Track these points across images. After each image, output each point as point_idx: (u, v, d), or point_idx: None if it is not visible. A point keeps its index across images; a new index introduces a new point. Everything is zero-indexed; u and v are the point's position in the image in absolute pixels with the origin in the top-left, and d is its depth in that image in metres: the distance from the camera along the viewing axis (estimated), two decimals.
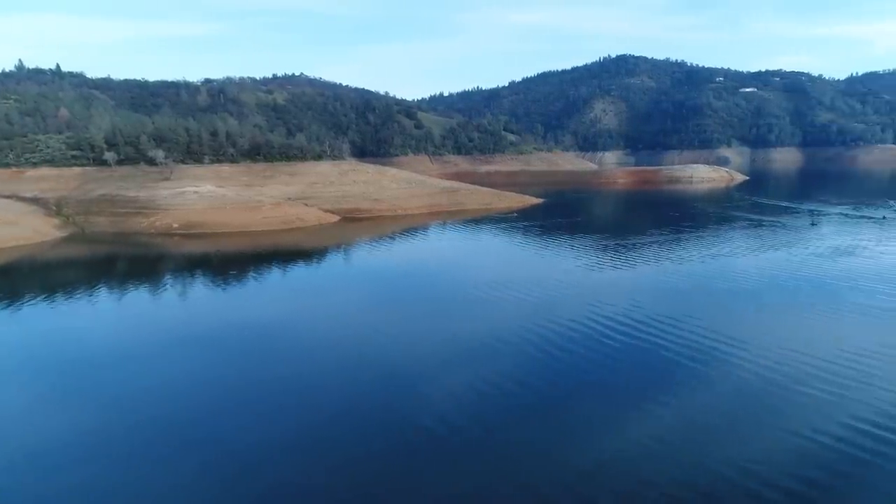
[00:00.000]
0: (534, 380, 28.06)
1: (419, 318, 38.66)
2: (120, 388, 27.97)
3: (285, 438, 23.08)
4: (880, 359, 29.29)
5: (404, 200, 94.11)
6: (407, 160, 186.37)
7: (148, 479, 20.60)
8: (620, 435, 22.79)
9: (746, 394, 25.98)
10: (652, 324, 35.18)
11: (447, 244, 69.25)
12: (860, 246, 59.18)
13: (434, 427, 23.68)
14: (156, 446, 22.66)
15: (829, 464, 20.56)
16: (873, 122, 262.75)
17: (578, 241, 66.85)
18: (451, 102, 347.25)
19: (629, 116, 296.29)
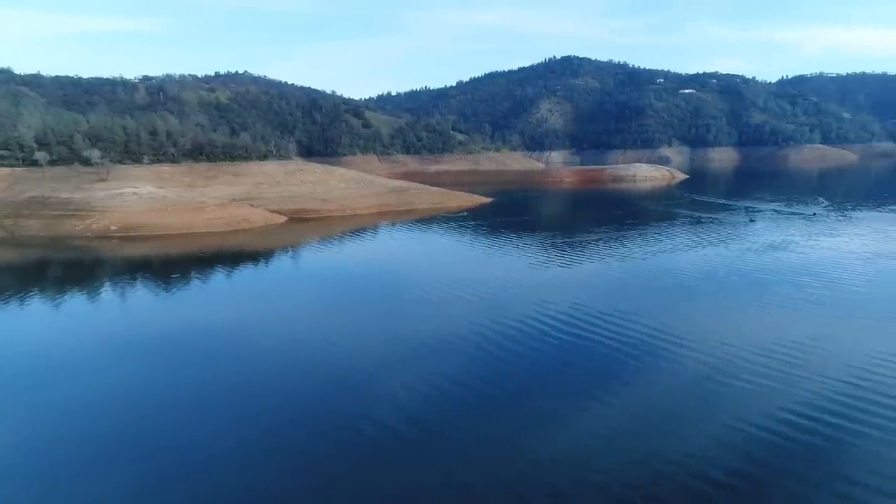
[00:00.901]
0: (481, 378, 28.31)
1: (369, 319, 38.39)
2: (42, 400, 26.70)
3: (232, 443, 22.55)
4: (808, 349, 30.79)
5: (353, 200, 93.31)
6: (355, 160, 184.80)
7: (67, 497, 19.73)
8: (566, 430, 23.26)
9: (685, 386, 26.89)
10: (596, 320, 35.98)
11: (397, 244, 69.04)
12: (791, 241, 62.04)
13: (384, 427, 23.61)
14: (80, 461, 21.71)
15: (759, 452, 21.51)
16: (802, 122, 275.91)
17: (526, 239, 67.72)
18: (399, 102, 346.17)
19: (574, 116, 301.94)
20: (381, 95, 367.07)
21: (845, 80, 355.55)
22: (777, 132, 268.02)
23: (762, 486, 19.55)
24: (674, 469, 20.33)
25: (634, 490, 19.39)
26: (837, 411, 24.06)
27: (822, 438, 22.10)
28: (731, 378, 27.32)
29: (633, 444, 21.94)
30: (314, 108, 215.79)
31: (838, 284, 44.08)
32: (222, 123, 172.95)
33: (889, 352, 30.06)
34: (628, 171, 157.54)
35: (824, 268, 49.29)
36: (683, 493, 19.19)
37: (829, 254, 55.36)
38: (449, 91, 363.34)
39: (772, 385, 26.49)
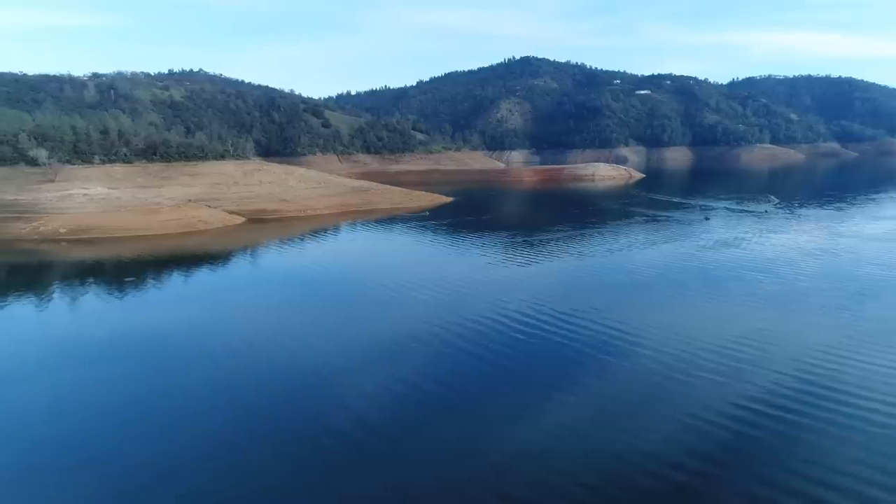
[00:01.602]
0: (440, 380, 28.39)
1: (329, 322, 38.11)
2: None
3: (184, 451, 22.10)
4: (757, 343, 31.84)
5: (313, 200, 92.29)
6: (315, 159, 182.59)
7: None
8: (524, 429, 23.47)
9: (641, 383, 27.48)
10: (554, 318, 36.48)
11: (358, 245, 68.63)
12: (743, 238, 64.05)
13: (348, 430, 23.48)
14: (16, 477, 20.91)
15: (713, 447, 22.15)
16: (753, 123, 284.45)
17: (487, 238, 68.15)
18: (358, 101, 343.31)
19: (534, 116, 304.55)
20: (341, 94, 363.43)
21: (792, 83, 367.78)
22: (729, 132, 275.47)
23: (715, 480, 20.17)
24: (629, 466, 20.75)
25: (590, 488, 19.74)
26: (786, 403, 24.97)
27: (772, 431, 22.88)
28: (684, 373, 28.07)
29: (591, 442, 22.36)
30: (272, 107, 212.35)
31: (786, 279, 45.74)
32: (177, 122, 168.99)
33: (834, 344, 31.33)
34: (587, 171, 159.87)
35: (773, 264, 51.04)
36: (638, 489, 19.61)
37: (778, 250, 57.34)
38: (409, 90, 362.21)
39: (723, 379, 27.31)
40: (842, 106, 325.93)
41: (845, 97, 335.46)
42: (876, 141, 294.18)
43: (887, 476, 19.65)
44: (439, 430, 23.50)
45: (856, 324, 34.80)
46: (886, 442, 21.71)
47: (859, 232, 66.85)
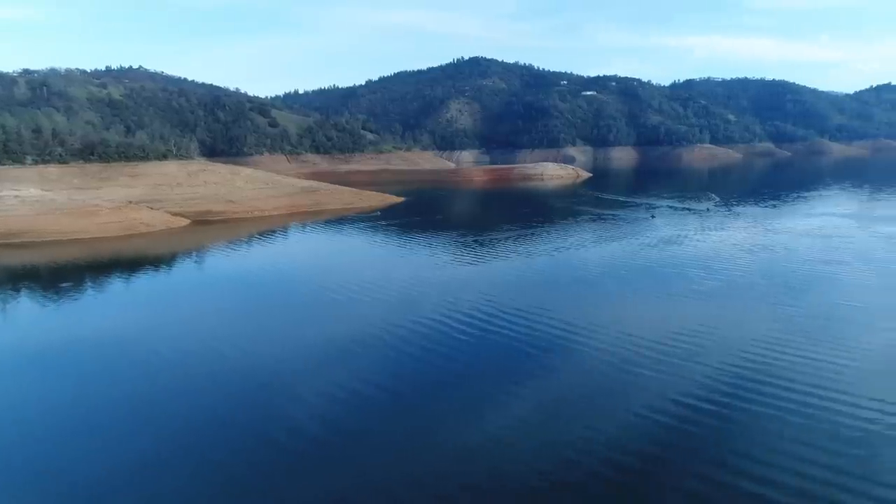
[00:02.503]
0: (395, 379, 28.44)
1: (280, 324, 37.57)
2: None
3: (128, 459, 21.43)
4: (700, 337, 33.04)
5: (261, 201, 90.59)
6: (262, 160, 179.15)
7: None
8: (480, 424, 23.76)
9: (590, 376, 28.20)
10: (505, 316, 36.97)
11: (307, 246, 67.80)
12: (685, 236, 66.26)
13: (297, 434, 23.24)
14: None
15: (662, 436, 22.89)
16: (693, 124, 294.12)
17: (438, 238, 68.38)
18: (307, 100, 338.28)
19: (483, 116, 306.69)
20: (289, 93, 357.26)
21: (730, 85, 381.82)
22: (671, 132, 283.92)
23: (665, 468, 20.83)
24: (583, 456, 21.30)
25: (546, 477, 20.17)
26: (725, 394, 26.01)
27: (717, 419, 23.82)
28: (629, 368, 28.89)
29: (545, 434, 22.80)
30: (217, 105, 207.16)
31: (725, 275, 47.59)
32: (116, 121, 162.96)
33: (769, 336, 32.82)
34: (536, 170, 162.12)
35: (713, 260, 53.01)
36: (593, 478, 20.15)
37: (717, 247, 59.58)
38: (358, 90, 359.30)
39: (667, 372, 28.26)
40: (775, 107, 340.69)
41: (779, 99, 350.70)
42: (807, 141, 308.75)
43: (822, 461, 20.68)
44: (395, 427, 23.53)
45: (789, 317, 36.51)
46: (819, 429, 22.85)
47: (792, 228, 70.10)
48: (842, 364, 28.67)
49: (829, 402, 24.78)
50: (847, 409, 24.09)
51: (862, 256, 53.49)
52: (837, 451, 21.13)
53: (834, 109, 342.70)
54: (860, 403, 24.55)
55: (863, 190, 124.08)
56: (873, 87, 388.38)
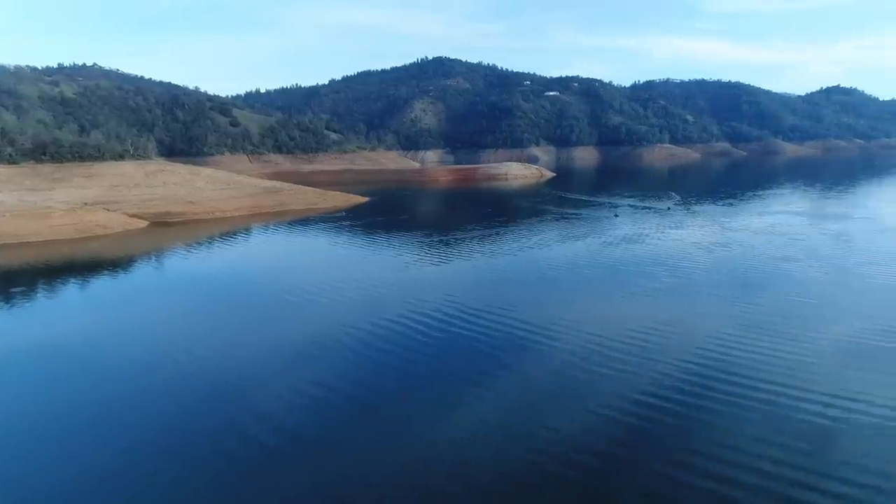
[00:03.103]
0: (357, 382, 28.25)
1: (242, 327, 36.96)
2: None
3: (83, 468, 20.87)
4: (659, 333, 33.73)
5: (223, 202, 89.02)
6: (224, 160, 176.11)
7: None
8: (442, 427, 23.77)
9: (553, 376, 28.42)
10: (468, 316, 37.12)
11: (270, 247, 66.91)
12: (645, 234, 67.59)
13: (264, 437, 22.96)
14: None
15: (623, 434, 23.27)
16: (653, 124, 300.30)
17: (403, 238, 68.31)
18: (269, 100, 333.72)
19: (447, 116, 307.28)
20: (250, 93, 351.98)
21: (688, 86, 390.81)
22: (632, 132, 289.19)
23: (625, 465, 21.24)
24: (545, 456, 21.51)
25: (509, 478, 20.33)
26: (685, 389, 26.63)
27: (676, 416, 24.35)
28: (593, 365, 29.32)
29: (507, 435, 22.95)
30: (176, 104, 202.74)
31: (685, 273, 48.73)
32: (69, 120, 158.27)
33: (726, 332, 33.70)
34: (500, 170, 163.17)
35: (673, 258, 54.20)
36: (556, 478, 20.36)
37: (677, 244, 60.96)
38: (321, 89, 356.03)
39: (628, 369, 28.78)
40: (732, 108, 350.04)
41: (735, 100, 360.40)
42: (762, 141, 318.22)
43: (778, 451, 21.35)
44: (356, 431, 23.41)
45: (745, 313, 37.57)
46: (774, 420, 23.59)
47: (747, 226, 72.15)
48: (796, 359, 29.63)
49: (785, 396, 25.56)
50: (802, 403, 24.90)
51: (813, 253, 55.38)
52: (793, 444, 21.81)
53: (787, 110, 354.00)
54: (814, 397, 25.38)
55: (814, 189, 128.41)
56: (823, 90, 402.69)
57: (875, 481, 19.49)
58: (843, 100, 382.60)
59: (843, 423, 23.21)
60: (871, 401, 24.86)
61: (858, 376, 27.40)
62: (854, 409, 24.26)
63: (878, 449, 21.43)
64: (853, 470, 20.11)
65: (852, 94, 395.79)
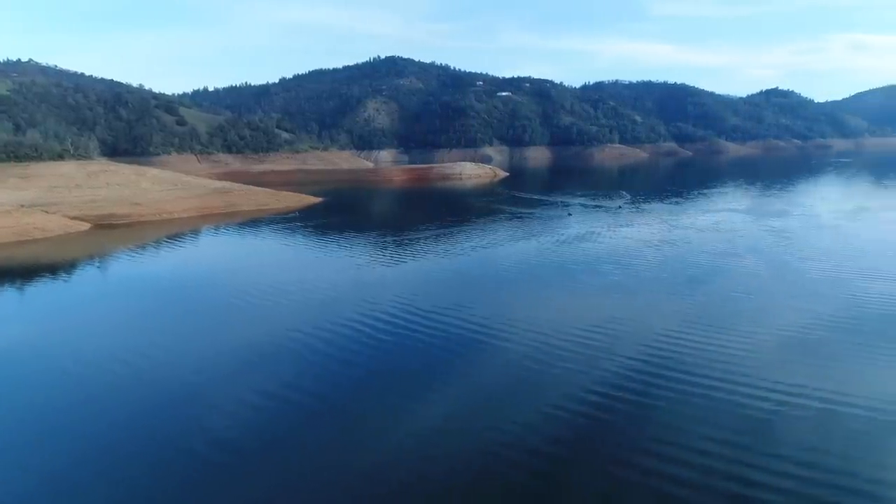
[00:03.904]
0: (314, 385, 27.99)
1: (190, 333, 36.10)
2: None
3: (23, 481, 20.06)
4: (609, 330, 34.50)
5: (170, 203, 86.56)
6: (171, 159, 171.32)
7: None
8: (396, 431, 23.74)
9: (506, 375, 28.66)
10: (422, 317, 37.18)
11: (220, 249, 65.44)
12: (596, 232, 69.00)
13: (208, 448, 22.45)
14: None
15: (574, 431, 23.71)
16: (603, 124, 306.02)
17: (357, 239, 67.87)
18: (217, 98, 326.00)
19: (401, 116, 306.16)
20: (197, 91, 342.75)
21: (636, 87, 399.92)
22: (583, 133, 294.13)
23: (579, 460, 21.68)
24: (498, 457, 21.71)
25: (466, 476, 20.49)
26: (635, 385, 27.33)
27: (625, 412, 24.98)
28: (545, 363, 29.75)
29: (464, 434, 23.09)
30: (119, 102, 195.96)
31: (633, 270, 49.99)
32: (3, 119, 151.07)
33: (672, 328, 34.72)
34: (454, 170, 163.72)
35: (622, 255, 55.52)
36: (512, 475, 20.68)
37: (626, 242, 62.43)
38: (272, 88, 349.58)
39: (580, 366, 29.33)
40: (678, 109, 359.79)
41: (680, 102, 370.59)
42: (707, 141, 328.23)
43: (720, 444, 22.15)
44: (309, 439, 23.17)
45: (691, 308, 38.82)
46: (718, 413, 24.45)
47: (693, 224, 74.47)
48: (738, 352, 30.72)
49: (727, 389, 26.41)
50: (744, 396, 25.80)
51: (754, 249, 57.59)
52: (738, 434, 22.61)
53: (729, 112, 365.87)
54: (754, 390, 26.31)
55: (755, 187, 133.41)
56: (763, 92, 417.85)
57: (813, 471, 20.38)
58: (782, 102, 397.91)
59: (782, 414, 24.22)
60: (809, 391, 26.01)
61: (796, 368, 28.64)
62: (792, 400, 25.32)
63: (817, 438, 22.44)
64: (792, 460, 20.95)
65: (790, 96, 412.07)
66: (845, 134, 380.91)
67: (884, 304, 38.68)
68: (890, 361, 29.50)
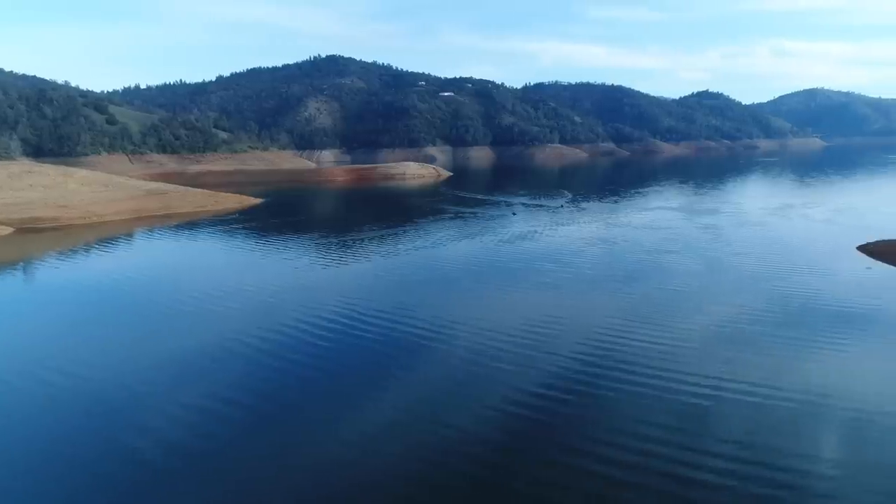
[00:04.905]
0: (252, 391, 27.32)
1: (124, 341, 34.60)
2: None
3: None
4: (549, 327, 35.22)
5: (101, 206, 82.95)
6: (100, 160, 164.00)
7: None
8: (341, 434, 23.55)
9: (450, 376, 28.75)
10: (367, 319, 36.99)
11: (155, 253, 63.07)
12: (537, 231, 70.27)
13: (147, 458, 21.72)
14: None
15: (516, 429, 24.11)
16: (544, 125, 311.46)
17: (299, 240, 66.81)
18: (150, 96, 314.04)
19: (343, 116, 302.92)
20: (128, 88, 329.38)
21: (575, 89, 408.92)
22: (524, 133, 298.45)
23: (521, 458, 22.04)
24: (446, 456, 21.88)
25: (411, 481, 20.52)
26: (576, 379, 28.04)
27: (567, 406, 25.64)
28: (488, 361, 30.11)
29: (408, 437, 23.08)
30: (42, 100, 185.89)
31: (573, 267, 51.19)
32: None
33: (611, 323, 35.82)
34: (398, 170, 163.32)
35: (562, 254, 56.78)
36: (457, 477, 20.84)
37: (566, 240, 63.90)
38: (208, 86, 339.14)
39: (521, 363, 29.81)
40: (615, 110, 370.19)
41: (617, 103, 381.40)
42: (643, 142, 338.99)
43: (660, 433, 22.96)
44: (254, 443, 22.74)
45: (628, 303, 40.08)
46: (657, 404, 25.35)
47: (630, 222, 76.86)
48: (675, 345, 31.93)
49: (665, 380, 27.43)
50: (681, 386, 26.84)
51: (688, 246, 59.96)
52: (674, 425, 23.47)
53: (664, 113, 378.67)
54: (691, 380, 27.42)
55: (688, 185, 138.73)
56: (695, 94, 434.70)
57: (749, 455, 21.40)
58: (712, 103, 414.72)
59: (717, 403, 25.34)
60: (742, 380, 27.31)
61: (730, 358, 29.98)
62: (726, 388, 26.52)
63: (751, 425, 23.57)
64: (729, 447, 21.92)
65: (719, 98, 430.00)
66: (770, 135, 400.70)
67: (808, 297, 40.93)
68: (812, 351, 31.30)
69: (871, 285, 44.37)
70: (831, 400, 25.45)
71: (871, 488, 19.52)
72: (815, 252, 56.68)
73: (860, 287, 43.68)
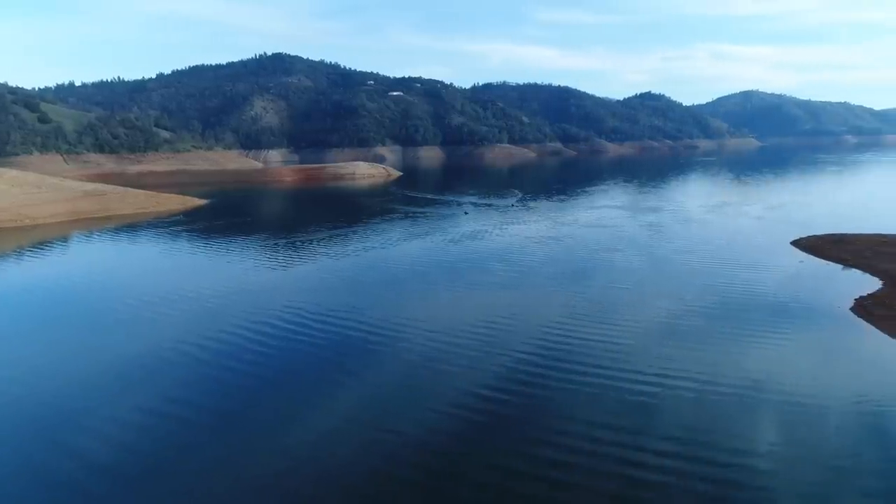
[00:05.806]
0: (199, 397, 26.78)
1: (62, 350, 33.22)
2: None
3: None
4: (497, 327, 35.59)
5: (33, 208, 79.32)
6: (32, 160, 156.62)
7: None
8: (293, 438, 23.33)
9: (398, 377, 28.73)
10: (316, 321, 36.67)
11: (93, 257, 60.65)
12: (486, 231, 70.93)
13: (96, 466, 20.98)
14: None
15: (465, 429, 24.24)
16: (493, 125, 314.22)
17: (245, 242, 65.47)
18: (86, 94, 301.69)
19: (290, 115, 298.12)
20: (62, 85, 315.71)
21: (523, 89, 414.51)
22: (474, 133, 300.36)
23: (470, 459, 22.24)
24: (392, 459, 21.91)
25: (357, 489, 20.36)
26: (524, 379, 28.46)
27: (516, 405, 25.96)
28: (436, 363, 30.16)
29: (356, 442, 22.92)
30: None
31: (521, 266, 51.92)
32: None
33: (557, 321, 36.50)
34: (347, 170, 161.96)
35: (511, 252, 57.56)
36: (404, 480, 20.89)
37: (514, 240, 64.74)
38: (148, 84, 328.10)
39: (469, 364, 30.00)
40: (561, 111, 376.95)
41: (564, 103, 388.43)
42: (589, 142, 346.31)
43: (606, 430, 23.54)
44: (200, 454, 22.19)
45: (575, 301, 40.90)
46: (603, 400, 25.97)
47: (577, 220, 78.44)
48: (620, 341, 32.75)
49: (611, 377, 28.05)
50: (622, 383, 27.54)
51: (632, 243, 61.60)
52: (616, 423, 23.99)
53: (608, 113, 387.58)
54: (637, 376, 28.17)
55: (632, 184, 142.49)
56: (638, 95, 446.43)
57: (692, 449, 22.14)
58: (654, 104, 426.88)
59: (662, 398, 26.16)
60: (683, 374, 28.26)
61: (671, 353, 31.00)
62: (667, 384, 27.37)
63: (694, 418, 24.43)
64: (671, 443, 22.61)
65: (661, 99, 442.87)
66: (709, 135, 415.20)
67: (747, 291, 42.65)
68: (750, 343, 32.66)
69: (803, 278, 46.61)
70: (767, 390, 26.63)
71: (805, 478, 20.44)
72: (752, 248, 59.02)
73: (794, 280, 45.83)
